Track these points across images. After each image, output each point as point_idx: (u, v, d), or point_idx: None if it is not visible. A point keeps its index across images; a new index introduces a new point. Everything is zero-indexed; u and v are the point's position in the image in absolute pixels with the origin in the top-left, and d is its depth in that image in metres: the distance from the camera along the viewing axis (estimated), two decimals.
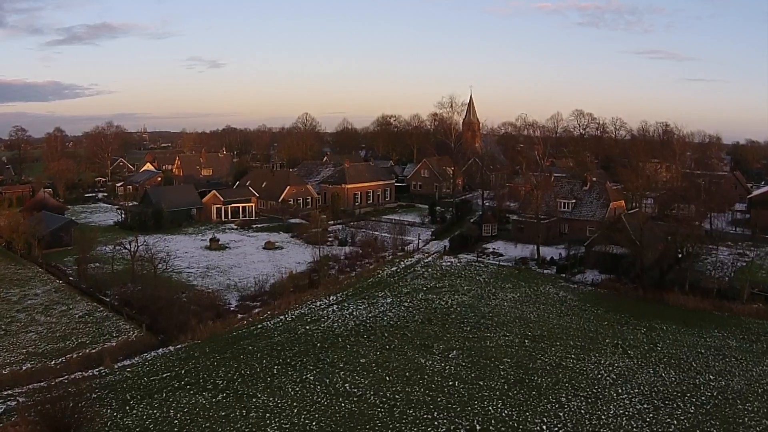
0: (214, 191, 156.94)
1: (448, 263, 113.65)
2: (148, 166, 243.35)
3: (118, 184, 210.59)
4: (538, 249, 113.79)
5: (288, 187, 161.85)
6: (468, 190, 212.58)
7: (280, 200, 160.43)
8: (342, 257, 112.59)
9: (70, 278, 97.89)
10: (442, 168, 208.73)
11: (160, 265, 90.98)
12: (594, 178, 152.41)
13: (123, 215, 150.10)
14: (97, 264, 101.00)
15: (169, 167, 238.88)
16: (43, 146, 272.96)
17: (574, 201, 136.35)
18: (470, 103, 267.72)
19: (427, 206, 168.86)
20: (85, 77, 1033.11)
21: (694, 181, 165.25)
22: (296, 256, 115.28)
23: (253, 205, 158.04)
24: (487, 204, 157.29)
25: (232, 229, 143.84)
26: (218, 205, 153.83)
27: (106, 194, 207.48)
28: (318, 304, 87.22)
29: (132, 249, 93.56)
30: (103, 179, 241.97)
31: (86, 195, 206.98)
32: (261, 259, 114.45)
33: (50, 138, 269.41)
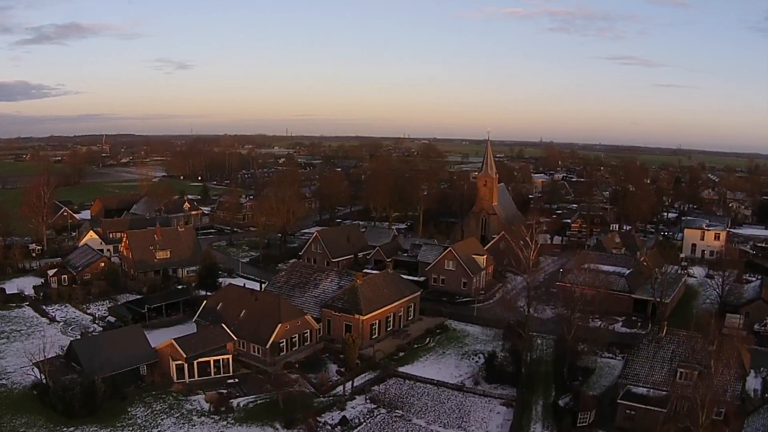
0: (173, 341, 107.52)
1: None
2: (91, 237, 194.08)
3: (50, 272, 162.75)
4: None
5: (280, 325, 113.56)
6: (497, 276, 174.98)
7: (268, 345, 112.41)
8: None
9: None
10: (470, 256, 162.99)
11: None
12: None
13: (44, 379, 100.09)
14: None
15: (120, 248, 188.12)
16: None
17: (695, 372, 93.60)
18: (487, 153, 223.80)
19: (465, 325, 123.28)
20: (53, 77, 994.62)
21: None
22: None
23: (230, 357, 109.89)
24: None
25: (201, 411, 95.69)
26: (179, 362, 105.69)
27: (37, 289, 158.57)
28: None
29: None
30: (39, 248, 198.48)
31: (14, 272, 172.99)
32: None
33: None
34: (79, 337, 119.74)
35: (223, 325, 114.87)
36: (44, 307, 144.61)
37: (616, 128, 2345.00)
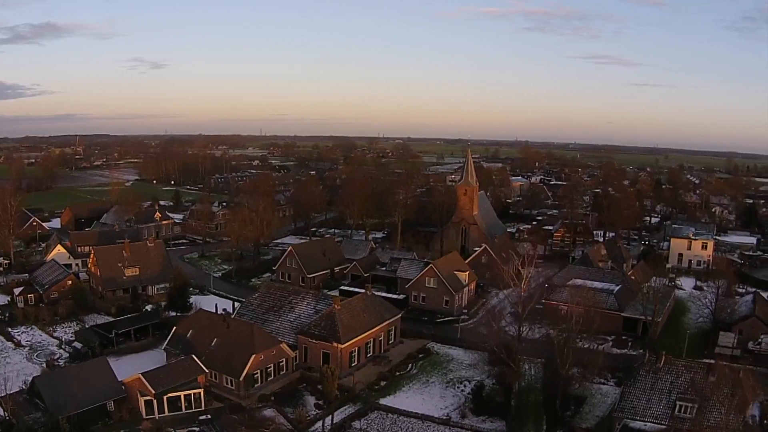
0: (140, 376, 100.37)
1: None
2: (59, 251, 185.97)
3: (17, 291, 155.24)
4: None
5: (254, 356, 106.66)
6: (479, 291, 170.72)
7: (242, 377, 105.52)
8: None
9: None
10: (452, 273, 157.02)
11: None
12: None
13: (7, 416, 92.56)
14: None
15: (85, 263, 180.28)
16: None
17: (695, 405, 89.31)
18: (467, 161, 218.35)
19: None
20: (28, 77, 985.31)
21: None
22: None
23: (201, 391, 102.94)
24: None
25: None
26: (148, 397, 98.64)
27: (2, 309, 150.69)
28: None
29: None
30: (6, 262, 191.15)
31: None
32: None
33: None
34: (44, 365, 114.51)
35: (194, 356, 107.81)
36: (9, 329, 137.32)
37: (592, 127, 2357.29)
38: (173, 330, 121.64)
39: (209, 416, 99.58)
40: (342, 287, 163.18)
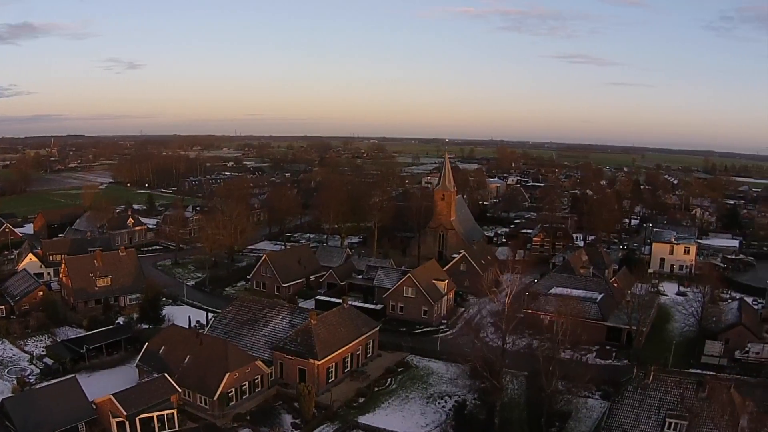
0: (111, 397, 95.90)
1: None
2: (30, 260, 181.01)
3: None
4: None
5: (228, 374, 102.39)
6: (457, 300, 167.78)
7: (216, 396, 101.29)
8: None
9: None
10: (431, 282, 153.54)
11: None
12: None
13: None
14: None
15: (59, 274, 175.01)
16: None
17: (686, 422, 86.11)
18: (445, 166, 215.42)
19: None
20: (5, 78, 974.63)
21: None
22: None
23: (175, 411, 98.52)
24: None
25: None
26: (120, 419, 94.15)
27: None
28: None
29: None
30: None
31: None
32: None
33: None
34: (15, 382, 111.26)
35: (166, 375, 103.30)
36: None
37: (567, 127, 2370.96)
38: (145, 346, 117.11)
39: None
40: (318, 297, 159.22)
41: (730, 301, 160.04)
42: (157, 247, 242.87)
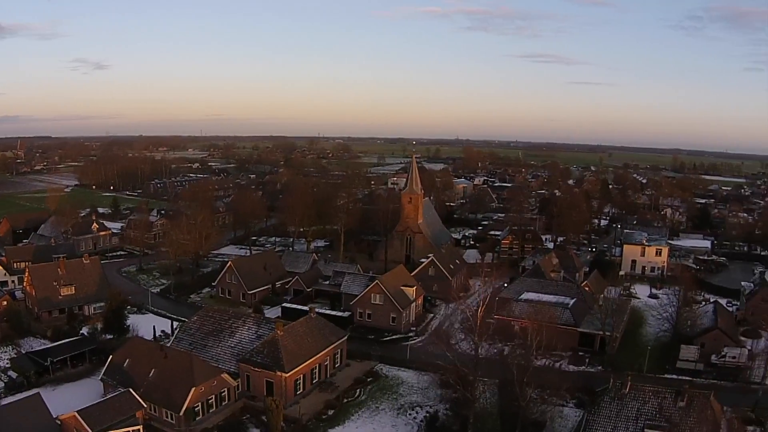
0: (75, 414, 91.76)
1: None
2: None
3: None
4: None
5: (194, 389, 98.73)
6: (426, 306, 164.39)
7: (182, 411, 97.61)
8: None
9: None
10: (399, 288, 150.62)
11: None
12: None
13: None
14: None
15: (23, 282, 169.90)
16: None
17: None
18: (412, 169, 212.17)
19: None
20: None
21: None
22: None
23: (140, 428, 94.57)
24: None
25: None
26: None
27: None
28: None
29: None
30: None
31: None
32: None
33: None
34: None
35: (131, 390, 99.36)
36: None
37: (533, 126, 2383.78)
38: (110, 359, 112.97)
39: None
40: (284, 305, 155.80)
41: (704, 303, 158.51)
42: (122, 253, 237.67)
